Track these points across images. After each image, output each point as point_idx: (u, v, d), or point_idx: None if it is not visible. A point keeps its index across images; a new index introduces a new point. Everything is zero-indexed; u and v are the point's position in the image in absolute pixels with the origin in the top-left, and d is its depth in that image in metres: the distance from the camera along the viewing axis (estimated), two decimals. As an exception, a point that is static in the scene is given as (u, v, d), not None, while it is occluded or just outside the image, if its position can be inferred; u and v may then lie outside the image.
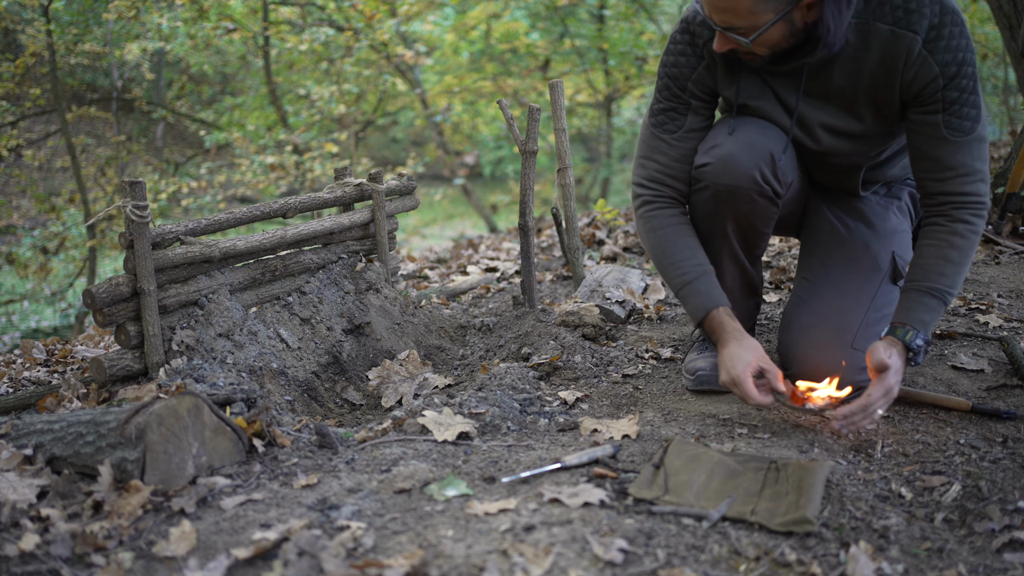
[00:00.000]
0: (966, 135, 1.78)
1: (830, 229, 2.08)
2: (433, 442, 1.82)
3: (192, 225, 2.26)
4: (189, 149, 13.16)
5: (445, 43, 11.67)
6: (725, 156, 1.88)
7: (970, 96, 1.77)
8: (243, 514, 1.51)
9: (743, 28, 1.71)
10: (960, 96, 1.76)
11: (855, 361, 1.93)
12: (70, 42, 8.56)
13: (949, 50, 1.73)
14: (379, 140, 17.42)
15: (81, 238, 9.03)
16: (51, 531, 1.44)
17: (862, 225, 2.07)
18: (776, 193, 1.93)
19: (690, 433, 1.86)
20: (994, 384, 2.07)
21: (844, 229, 2.08)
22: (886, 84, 1.81)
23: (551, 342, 2.44)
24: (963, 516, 1.49)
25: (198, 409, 1.66)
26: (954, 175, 1.81)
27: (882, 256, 2.02)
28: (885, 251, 2.02)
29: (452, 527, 1.43)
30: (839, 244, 2.06)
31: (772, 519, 1.44)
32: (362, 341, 2.62)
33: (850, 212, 2.10)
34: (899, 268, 2.02)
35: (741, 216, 1.95)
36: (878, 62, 1.80)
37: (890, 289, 2.01)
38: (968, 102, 1.77)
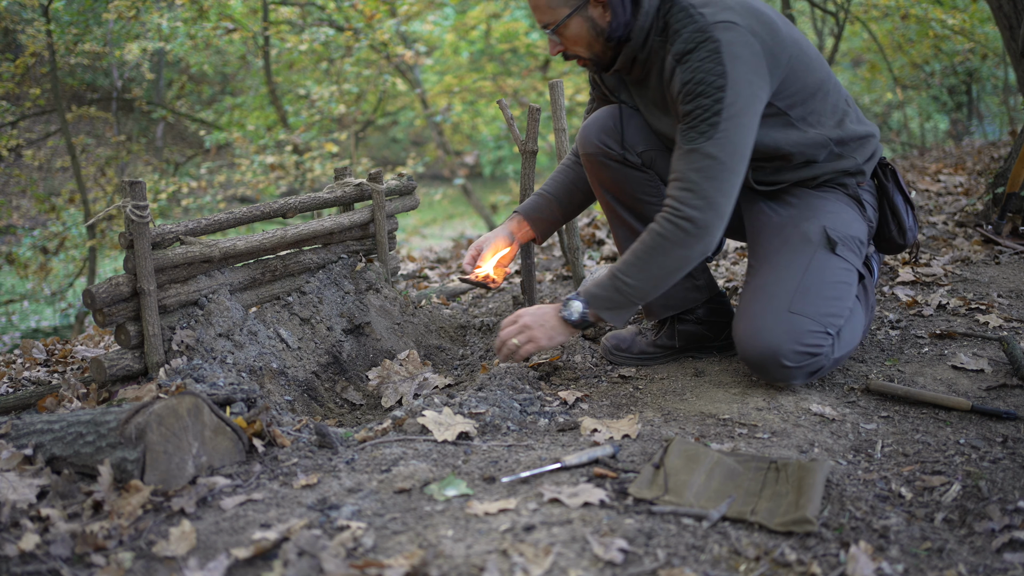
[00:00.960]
0: (691, 143, 1.92)
1: (765, 220, 2.20)
2: (433, 442, 1.82)
3: (192, 225, 2.26)
4: (189, 149, 13.16)
5: (445, 43, 11.67)
6: (580, 131, 2.29)
7: (709, 116, 1.89)
8: (243, 514, 1.51)
9: (550, 23, 2.02)
10: (696, 111, 1.91)
11: (794, 325, 1.97)
12: (70, 42, 8.56)
13: (695, 71, 1.90)
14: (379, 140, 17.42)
15: (81, 238, 9.03)
16: (51, 531, 1.44)
17: (791, 209, 2.17)
18: (624, 158, 2.22)
19: (690, 433, 1.86)
20: (994, 384, 2.07)
21: (776, 216, 2.19)
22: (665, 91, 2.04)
23: (551, 342, 2.44)
24: (963, 516, 1.49)
25: (198, 409, 1.66)
26: (672, 178, 1.97)
27: (812, 230, 2.10)
28: (814, 226, 2.11)
29: (452, 527, 1.43)
30: (773, 229, 2.17)
31: (772, 519, 1.44)
32: (362, 341, 2.62)
33: (783, 205, 2.20)
34: (832, 239, 2.08)
35: (607, 181, 2.27)
36: (658, 72, 2.05)
37: (827, 257, 2.07)
38: (705, 119, 1.89)
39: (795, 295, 2.01)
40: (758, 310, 2.02)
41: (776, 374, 2.00)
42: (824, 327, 1.99)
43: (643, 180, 2.24)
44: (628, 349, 2.36)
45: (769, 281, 2.05)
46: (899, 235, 2.28)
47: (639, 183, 2.24)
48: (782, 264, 2.07)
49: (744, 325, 2.03)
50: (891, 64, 11.54)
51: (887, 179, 2.26)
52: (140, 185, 2.08)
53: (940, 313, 2.65)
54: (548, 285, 3.51)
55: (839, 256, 2.08)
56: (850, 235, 2.12)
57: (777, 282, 2.04)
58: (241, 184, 9.90)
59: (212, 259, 2.31)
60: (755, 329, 1.99)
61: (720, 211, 1.92)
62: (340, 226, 2.66)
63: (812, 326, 1.98)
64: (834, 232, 2.10)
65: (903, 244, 2.30)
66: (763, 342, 1.97)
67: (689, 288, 2.31)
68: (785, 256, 2.08)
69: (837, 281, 2.06)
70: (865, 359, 2.30)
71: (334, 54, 10.24)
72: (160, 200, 9.30)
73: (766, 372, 2.02)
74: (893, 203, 2.25)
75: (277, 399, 2.24)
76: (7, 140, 8.26)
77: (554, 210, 2.41)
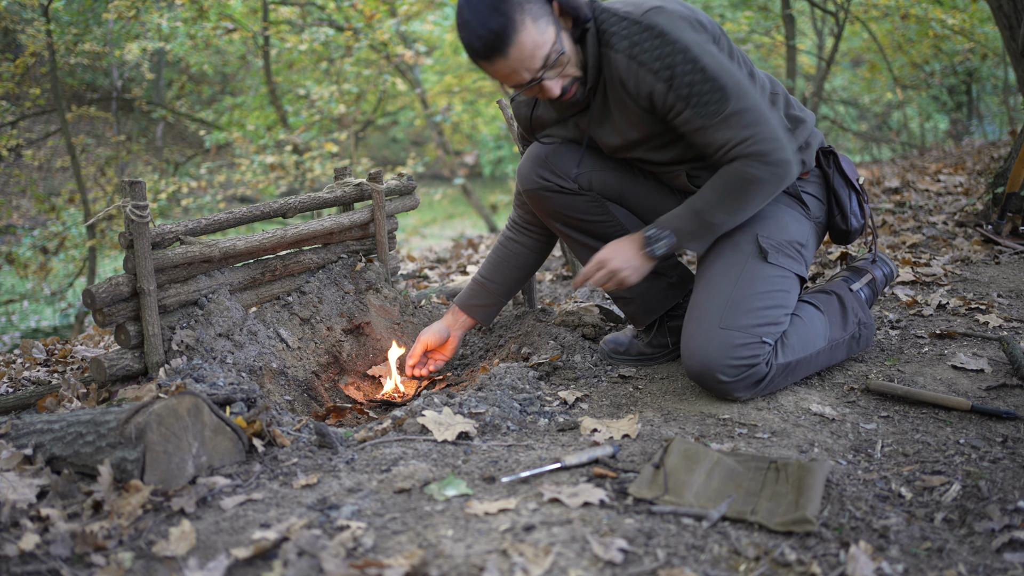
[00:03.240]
0: (719, 115, 1.90)
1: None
2: (433, 442, 1.82)
3: (192, 225, 2.26)
4: (189, 149, 13.16)
5: (445, 43, 11.67)
6: (518, 170, 2.31)
7: (703, 84, 1.89)
8: (243, 514, 1.51)
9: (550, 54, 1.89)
10: (692, 88, 1.89)
11: (724, 340, 1.97)
12: (70, 42, 8.56)
13: (656, 58, 1.89)
14: (379, 140, 17.43)
15: (81, 238, 9.03)
16: (51, 531, 1.44)
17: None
18: (560, 186, 2.24)
19: (690, 433, 1.86)
20: (994, 384, 2.07)
21: None
22: (622, 100, 2.00)
23: (551, 342, 2.44)
24: (963, 516, 1.49)
25: (198, 409, 1.66)
26: (726, 148, 1.94)
27: (742, 240, 2.09)
28: (746, 235, 2.10)
29: (452, 527, 1.43)
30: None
31: (772, 519, 1.44)
32: (362, 341, 2.62)
33: None
34: (763, 247, 2.08)
35: (552, 211, 2.28)
36: (613, 80, 1.99)
37: (759, 266, 2.06)
38: (704, 90, 1.89)
39: (725, 310, 2.00)
40: (693, 329, 2.03)
41: (717, 388, 2.00)
42: (757, 337, 1.98)
43: (584, 202, 2.25)
44: (627, 351, 2.37)
45: (702, 298, 2.06)
46: (842, 221, 2.25)
47: (581, 206, 2.25)
48: (714, 278, 2.07)
49: (683, 344, 2.05)
50: (891, 64, 11.54)
51: (828, 166, 2.24)
52: (140, 185, 2.08)
53: (940, 313, 2.65)
54: (548, 285, 3.51)
55: (772, 264, 2.06)
56: (785, 240, 2.10)
57: (709, 298, 2.04)
58: (241, 184, 9.90)
59: (212, 259, 2.30)
60: (691, 348, 2.01)
61: (788, 143, 1.95)
62: (340, 226, 2.66)
63: (743, 339, 1.97)
64: (766, 240, 2.08)
65: (847, 230, 2.27)
66: (698, 360, 1.99)
67: (664, 288, 2.32)
68: (717, 269, 2.08)
69: (770, 290, 2.04)
70: (865, 359, 2.30)
71: (334, 54, 10.24)
72: (160, 200, 9.30)
73: (708, 388, 2.02)
74: (835, 189, 2.23)
75: (277, 399, 2.24)
76: (7, 140, 8.26)
77: (491, 293, 2.45)
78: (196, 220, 2.27)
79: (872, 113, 13.99)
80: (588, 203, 2.25)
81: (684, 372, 2.13)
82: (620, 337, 2.41)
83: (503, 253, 2.46)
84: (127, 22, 8.79)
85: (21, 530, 1.45)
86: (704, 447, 1.68)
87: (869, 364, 2.27)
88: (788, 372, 2.05)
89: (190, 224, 2.25)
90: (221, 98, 13.02)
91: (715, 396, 2.05)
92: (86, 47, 8.85)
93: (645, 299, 2.32)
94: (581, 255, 2.35)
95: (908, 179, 5.56)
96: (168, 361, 2.17)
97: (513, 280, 2.46)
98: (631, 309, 2.35)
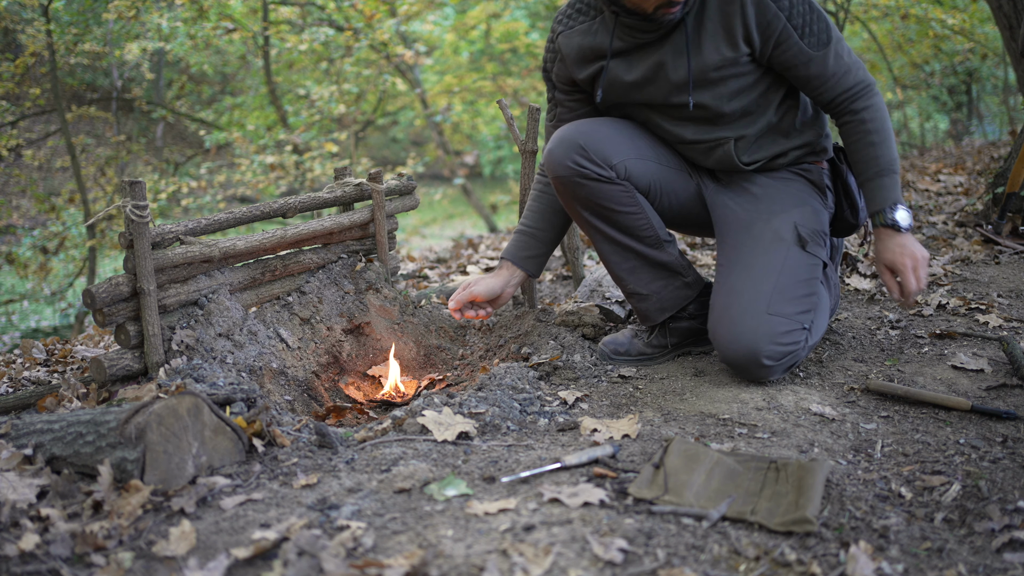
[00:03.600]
0: (826, 46, 2.05)
1: (733, 217, 2.24)
2: (433, 442, 1.82)
3: (192, 225, 2.26)
4: (189, 149, 13.16)
5: (445, 43, 11.67)
6: (547, 153, 2.22)
7: (811, 15, 2.04)
8: (243, 514, 1.51)
9: None
10: (805, 19, 2.04)
11: (772, 327, 2.03)
12: (70, 42, 8.56)
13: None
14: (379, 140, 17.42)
15: (81, 238, 9.02)
16: (51, 531, 1.44)
17: (760, 206, 2.22)
18: (600, 175, 2.16)
19: (690, 433, 1.86)
20: (994, 384, 2.07)
21: (744, 213, 2.23)
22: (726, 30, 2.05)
23: (551, 342, 2.44)
24: (963, 516, 1.49)
25: (198, 409, 1.66)
26: (836, 79, 2.08)
27: (783, 228, 2.16)
28: (785, 223, 2.16)
29: (452, 527, 1.43)
30: (742, 227, 2.21)
31: (772, 519, 1.44)
32: (362, 341, 2.62)
33: (748, 199, 2.24)
34: (803, 236, 2.15)
35: (583, 199, 2.20)
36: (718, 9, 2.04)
37: (799, 256, 2.14)
38: (813, 20, 2.04)
39: (772, 295, 2.06)
40: (737, 313, 2.07)
41: (757, 373, 2.07)
42: (799, 324, 2.07)
43: (619, 192, 2.20)
44: (627, 352, 2.37)
45: (746, 283, 2.10)
46: (852, 215, 2.33)
47: (616, 195, 2.20)
48: (757, 264, 2.11)
49: (725, 328, 2.08)
50: (891, 64, 11.54)
51: (841, 160, 2.31)
52: (140, 185, 2.08)
53: (940, 313, 2.65)
54: (548, 285, 3.51)
55: (809, 253, 2.15)
56: (816, 230, 2.19)
57: (755, 284, 2.09)
58: (241, 184, 9.90)
59: (212, 259, 2.30)
60: (736, 332, 2.05)
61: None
62: (340, 226, 2.66)
63: (788, 325, 2.05)
64: (804, 228, 2.16)
65: (855, 224, 2.34)
66: (744, 345, 2.03)
67: (680, 287, 2.33)
68: (759, 256, 2.12)
69: (809, 278, 2.13)
70: (865, 359, 2.30)
71: (334, 54, 10.23)
72: (160, 200, 9.30)
73: (747, 372, 2.08)
74: (847, 184, 2.30)
75: (277, 399, 2.24)
76: (7, 140, 8.25)
77: (540, 242, 2.41)
78: (196, 220, 2.27)
79: (872, 113, 13.96)
80: (623, 193, 2.20)
81: (720, 358, 2.13)
82: (619, 338, 2.41)
83: (545, 200, 2.38)
84: (127, 22, 8.79)
85: (21, 530, 1.45)
86: (704, 447, 1.68)
87: (869, 364, 2.27)
88: (809, 350, 2.15)
89: (190, 224, 2.25)
90: (221, 98, 13.02)
91: (746, 379, 2.12)
92: (86, 47, 8.84)
93: (661, 297, 2.31)
94: (606, 251, 2.30)
95: (908, 179, 5.56)
96: (168, 361, 2.17)
97: (559, 226, 2.41)
98: (645, 306, 2.33)
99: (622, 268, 2.29)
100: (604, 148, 2.17)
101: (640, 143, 2.23)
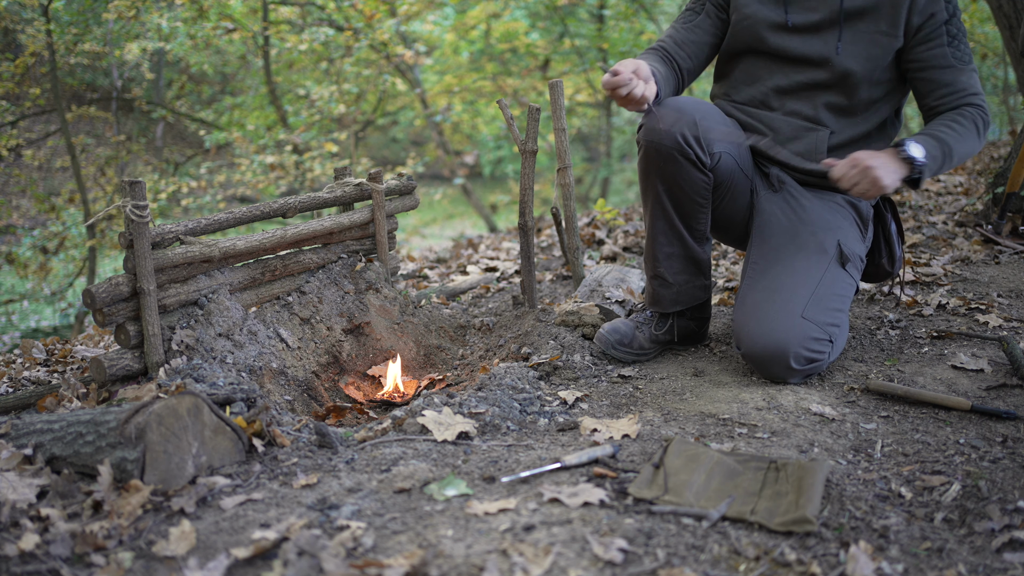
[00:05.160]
0: (968, 64, 2.15)
1: (777, 222, 2.26)
2: (433, 442, 1.82)
3: (192, 225, 2.26)
4: (189, 149, 13.16)
5: (445, 43, 11.67)
6: (655, 119, 2.11)
7: (962, 36, 2.16)
8: (243, 514, 1.51)
9: None
10: (958, 34, 2.14)
11: (804, 331, 2.05)
12: (70, 42, 8.56)
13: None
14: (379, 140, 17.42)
15: (81, 238, 9.02)
16: (51, 531, 1.44)
17: (807, 217, 2.25)
18: (699, 159, 2.13)
19: (690, 433, 1.86)
20: (994, 384, 2.07)
21: (789, 221, 2.25)
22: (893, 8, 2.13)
23: (551, 342, 2.44)
24: (963, 516, 1.49)
25: (198, 409, 1.66)
26: (963, 93, 2.15)
27: (828, 242, 2.19)
28: (830, 239, 2.20)
29: (452, 527, 1.43)
30: (786, 232, 2.23)
31: (772, 519, 1.44)
32: (362, 341, 2.62)
33: (797, 209, 2.27)
34: (845, 254, 2.18)
35: (668, 176, 2.16)
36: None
37: (839, 272, 2.17)
38: (963, 40, 2.15)
39: (809, 301, 2.09)
40: (772, 311, 2.08)
41: (779, 373, 2.08)
42: (828, 335, 2.09)
43: (703, 183, 2.19)
44: (629, 344, 2.37)
45: (785, 284, 2.12)
46: (889, 263, 2.38)
47: (699, 185, 2.18)
48: (799, 269, 2.14)
49: (755, 323, 2.09)
50: (891, 64, 11.51)
51: (886, 209, 2.36)
52: (140, 185, 2.08)
53: (940, 313, 2.65)
54: (548, 285, 3.51)
55: (847, 271, 2.19)
56: (856, 253, 2.23)
57: (793, 287, 2.11)
58: (241, 184, 9.90)
59: (212, 259, 2.31)
60: (767, 329, 2.06)
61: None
62: (340, 226, 2.66)
63: (819, 333, 2.07)
64: (847, 248, 2.20)
65: (890, 272, 2.39)
66: (774, 342, 2.05)
67: (699, 287, 2.37)
68: (801, 262, 2.15)
69: (842, 294, 2.16)
70: (865, 359, 2.30)
71: (334, 54, 10.23)
72: (160, 200, 9.30)
73: (769, 370, 2.09)
74: (888, 232, 2.35)
75: (277, 399, 2.24)
76: (7, 140, 8.25)
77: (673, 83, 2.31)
78: (196, 220, 2.27)
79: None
80: (704, 184, 2.19)
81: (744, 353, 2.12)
82: (621, 327, 2.39)
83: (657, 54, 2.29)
84: (127, 22, 8.79)
85: (21, 530, 1.45)
86: (704, 447, 1.68)
87: (869, 364, 2.27)
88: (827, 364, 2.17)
89: (190, 224, 2.25)
90: (221, 98, 13.02)
91: (765, 376, 2.13)
92: (86, 47, 8.84)
93: (681, 290, 2.34)
94: (656, 223, 2.27)
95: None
96: (168, 361, 2.17)
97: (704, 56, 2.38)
98: (664, 292, 2.34)
99: (664, 251, 2.30)
100: (712, 133, 2.14)
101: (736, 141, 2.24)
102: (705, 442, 1.79)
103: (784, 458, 1.64)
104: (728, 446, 1.76)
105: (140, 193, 2.08)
